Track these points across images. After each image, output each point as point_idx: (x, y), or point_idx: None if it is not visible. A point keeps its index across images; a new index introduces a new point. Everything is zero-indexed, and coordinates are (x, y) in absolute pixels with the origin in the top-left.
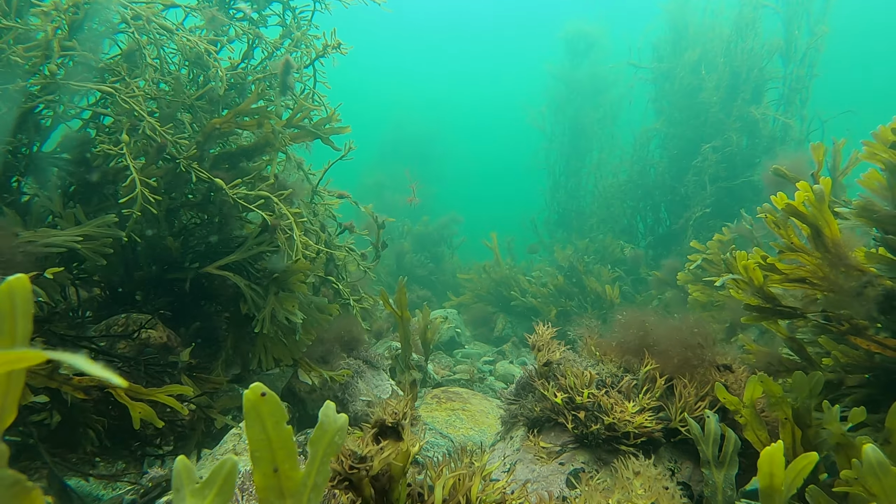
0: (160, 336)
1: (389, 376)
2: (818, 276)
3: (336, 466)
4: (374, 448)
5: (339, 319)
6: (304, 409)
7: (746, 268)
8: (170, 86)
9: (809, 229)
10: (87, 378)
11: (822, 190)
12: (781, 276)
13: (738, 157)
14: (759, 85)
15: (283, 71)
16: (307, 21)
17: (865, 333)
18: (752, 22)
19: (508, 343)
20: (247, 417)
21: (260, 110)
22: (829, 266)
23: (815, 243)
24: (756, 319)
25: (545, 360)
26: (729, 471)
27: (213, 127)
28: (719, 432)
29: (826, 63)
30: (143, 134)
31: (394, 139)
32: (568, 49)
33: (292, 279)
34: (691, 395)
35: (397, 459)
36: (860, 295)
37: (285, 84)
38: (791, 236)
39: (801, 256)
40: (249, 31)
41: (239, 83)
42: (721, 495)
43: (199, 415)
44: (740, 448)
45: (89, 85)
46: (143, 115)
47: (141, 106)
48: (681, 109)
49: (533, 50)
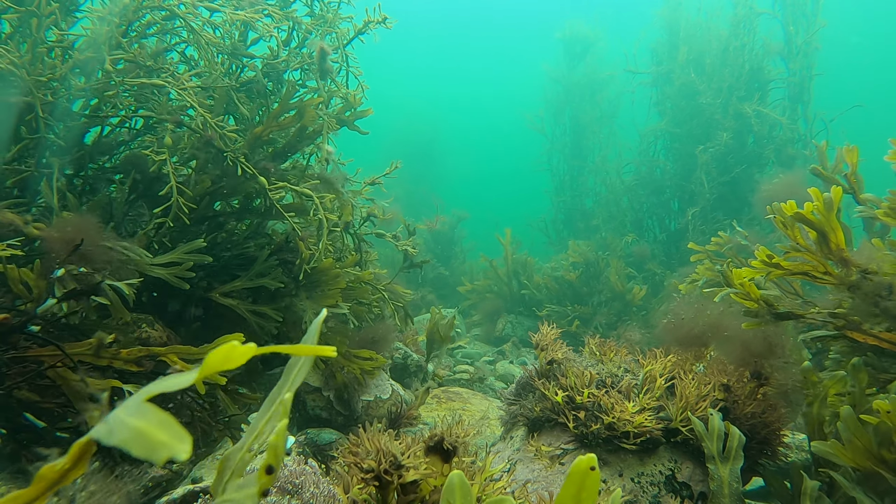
0: (160, 336)
1: (389, 376)
2: (819, 271)
3: (372, 463)
4: (416, 460)
5: (373, 326)
6: (304, 408)
7: (743, 284)
8: (211, 78)
9: (816, 234)
10: (135, 350)
11: (832, 199)
12: (784, 272)
13: (738, 154)
14: (763, 84)
15: (320, 57)
16: (334, 8)
17: (861, 328)
18: (749, 20)
19: (508, 343)
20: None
21: (299, 104)
22: (833, 264)
23: (820, 246)
24: (755, 324)
25: (549, 358)
26: (734, 464)
27: (254, 137)
28: (723, 429)
29: (829, 62)
30: (194, 128)
31: (398, 139)
32: (566, 51)
33: (326, 279)
34: (692, 395)
35: (434, 480)
36: (859, 288)
37: (324, 70)
38: (797, 237)
39: (805, 255)
40: (285, 16)
41: (275, 72)
42: (727, 488)
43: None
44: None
45: (142, 80)
46: (195, 105)
47: (193, 98)
48: (682, 110)
49: (532, 52)
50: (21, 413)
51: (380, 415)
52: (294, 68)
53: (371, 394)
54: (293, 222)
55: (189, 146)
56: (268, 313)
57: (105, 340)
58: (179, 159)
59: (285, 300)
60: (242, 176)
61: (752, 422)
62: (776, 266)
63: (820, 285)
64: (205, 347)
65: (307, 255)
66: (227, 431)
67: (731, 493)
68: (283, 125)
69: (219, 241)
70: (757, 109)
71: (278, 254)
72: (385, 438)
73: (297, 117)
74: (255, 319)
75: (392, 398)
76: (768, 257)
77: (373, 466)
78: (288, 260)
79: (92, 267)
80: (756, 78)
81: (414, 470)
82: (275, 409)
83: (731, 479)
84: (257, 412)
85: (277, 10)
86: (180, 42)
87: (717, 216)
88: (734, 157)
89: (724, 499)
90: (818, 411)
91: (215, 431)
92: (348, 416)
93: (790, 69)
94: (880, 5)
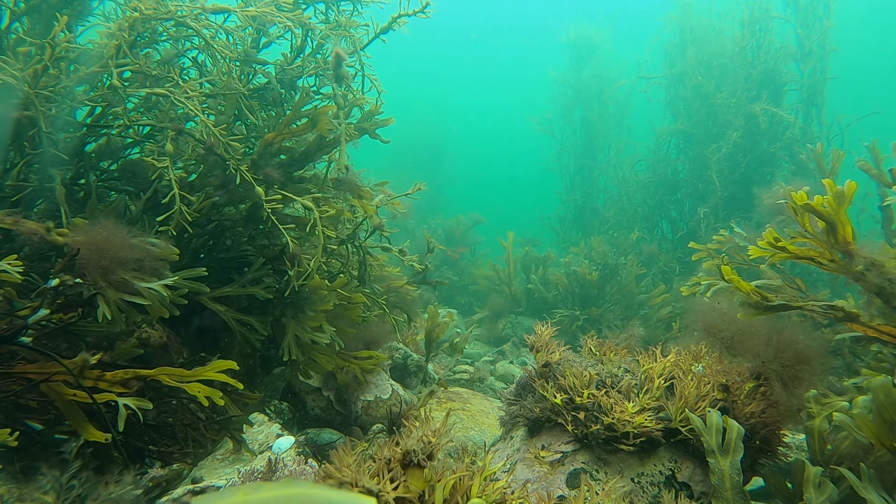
0: (160, 336)
1: (389, 376)
2: (826, 258)
3: None
4: (394, 483)
5: (372, 324)
6: (304, 409)
7: (731, 281)
8: (221, 85)
9: (825, 224)
10: (120, 372)
11: (844, 193)
12: (790, 255)
13: (751, 155)
14: (778, 86)
15: (336, 63)
16: (348, 13)
17: (859, 320)
18: (762, 22)
19: (508, 343)
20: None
21: (312, 112)
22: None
23: (827, 236)
24: (752, 315)
25: (544, 360)
26: (734, 456)
27: (265, 144)
28: (722, 424)
29: (845, 65)
30: (197, 138)
31: (407, 143)
32: (572, 54)
33: (315, 298)
34: (692, 395)
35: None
36: (864, 277)
37: (339, 76)
38: (807, 224)
39: (813, 241)
40: (298, 22)
41: (288, 78)
42: (728, 481)
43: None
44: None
45: (144, 90)
46: (198, 113)
47: (196, 106)
48: (697, 110)
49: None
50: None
51: (380, 415)
52: (309, 74)
53: (371, 394)
54: (290, 236)
55: (193, 154)
56: (254, 324)
57: (89, 361)
58: (184, 167)
59: (276, 312)
60: (241, 185)
61: (751, 421)
62: (782, 249)
63: (825, 272)
64: (197, 371)
65: (295, 273)
66: (228, 432)
67: (733, 486)
68: (297, 133)
69: (221, 245)
70: (766, 109)
71: (274, 262)
72: (357, 468)
73: (310, 124)
74: (240, 329)
75: (392, 398)
76: (775, 240)
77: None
78: (284, 270)
79: (122, 268)
80: (771, 80)
81: (392, 492)
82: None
83: (731, 471)
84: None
85: (290, 14)
86: (191, 48)
87: (728, 215)
88: (744, 156)
89: (726, 492)
90: (820, 424)
91: (216, 432)
92: (348, 415)
93: (802, 71)
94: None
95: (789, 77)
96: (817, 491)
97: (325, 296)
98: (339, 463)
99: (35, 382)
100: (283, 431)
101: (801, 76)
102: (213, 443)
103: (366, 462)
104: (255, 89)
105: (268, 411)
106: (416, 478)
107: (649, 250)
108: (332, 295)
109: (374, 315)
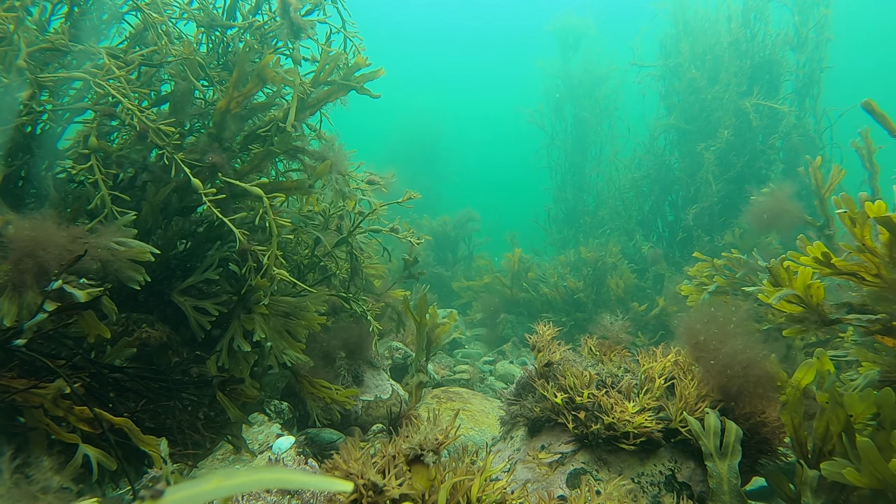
0: (160, 336)
1: (389, 376)
2: (871, 273)
3: (356, 496)
4: (399, 479)
5: (349, 325)
6: (304, 409)
7: (769, 292)
8: (181, 55)
9: (889, 236)
10: (87, 409)
11: None
12: (833, 271)
13: (741, 151)
14: (775, 78)
15: (282, 9)
16: None
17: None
18: (761, 11)
19: (508, 343)
20: None
21: (258, 66)
22: (890, 267)
23: (890, 249)
24: (798, 332)
25: (546, 360)
26: (732, 460)
27: (220, 114)
28: (720, 426)
29: (843, 55)
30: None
31: (401, 140)
32: (559, 43)
33: (255, 297)
34: (692, 396)
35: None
36: None
37: (294, 26)
38: (866, 237)
39: (866, 256)
40: None
41: (255, 38)
42: (727, 485)
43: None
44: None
45: (62, 74)
46: (118, 97)
47: (124, 90)
48: (692, 104)
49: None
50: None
51: (380, 415)
52: (264, 32)
53: (371, 394)
54: (239, 233)
55: (126, 143)
56: (207, 308)
57: (64, 390)
58: (115, 158)
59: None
60: (176, 177)
61: (751, 421)
62: (832, 266)
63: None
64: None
65: (248, 269)
66: (227, 432)
67: (731, 490)
68: (247, 94)
69: (180, 248)
70: (756, 104)
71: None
72: (364, 462)
73: (257, 80)
74: (195, 317)
75: (392, 398)
76: (824, 255)
77: (356, 498)
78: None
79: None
80: (766, 70)
81: (397, 487)
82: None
83: (729, 475)
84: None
85: None
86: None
87: (722, 214)
88: (736, 154)
89: (724, 496)
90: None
91: (215, 431)
92: (348, 415)
93: (797, 60)
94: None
95: (784, 68)
96: (815, 495)
97: (259, 297)
98: (346, 455)
99: (12, 393)
100: (283, 431)
101: (797, 65)
102: (213, 442)
103: (371, 459)
104: (219, 56)
105: (267, 411)
106: (420, 476)
107: (653, 255)
108: (268, 296)
109: (369, 315)
